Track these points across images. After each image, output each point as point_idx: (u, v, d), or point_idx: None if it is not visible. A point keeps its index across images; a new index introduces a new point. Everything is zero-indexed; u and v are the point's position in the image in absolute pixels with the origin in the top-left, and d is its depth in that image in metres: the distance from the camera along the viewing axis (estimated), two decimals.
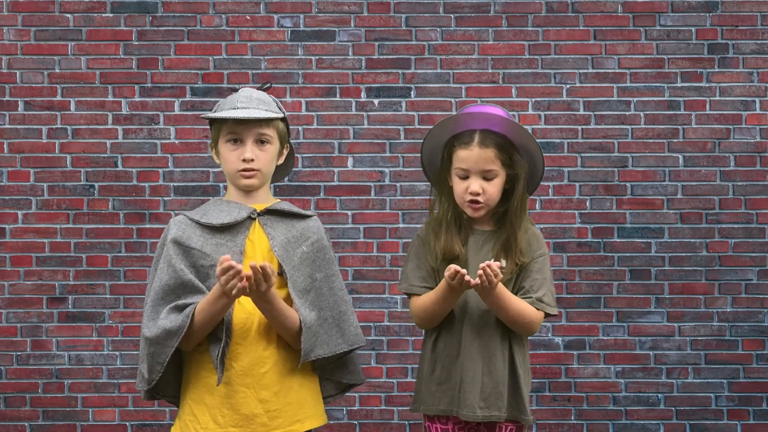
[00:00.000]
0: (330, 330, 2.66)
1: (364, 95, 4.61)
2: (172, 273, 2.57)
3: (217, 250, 2.60)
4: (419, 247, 2.77)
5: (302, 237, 2.68)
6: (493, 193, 2.68)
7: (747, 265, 4.58)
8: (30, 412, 4.56)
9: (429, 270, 2.74)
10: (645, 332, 4.58)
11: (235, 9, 4.61)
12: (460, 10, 4.62)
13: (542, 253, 2.73)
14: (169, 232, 2.64)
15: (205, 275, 2.59)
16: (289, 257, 2.64)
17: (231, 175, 2.67)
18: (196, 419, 2.61)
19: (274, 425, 2.60)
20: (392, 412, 4.58)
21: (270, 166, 2.68)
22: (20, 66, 4.59)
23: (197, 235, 2.62)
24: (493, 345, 2.69)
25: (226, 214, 2.64)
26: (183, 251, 2.60)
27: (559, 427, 4.59)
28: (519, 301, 2.66)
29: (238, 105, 2.63)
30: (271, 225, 2.67)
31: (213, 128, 2.71)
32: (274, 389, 2.60)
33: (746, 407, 4.56)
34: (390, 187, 4.60)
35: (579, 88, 4.61)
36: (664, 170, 4.60)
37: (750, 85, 4.60)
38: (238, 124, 2.62)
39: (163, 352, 2.54)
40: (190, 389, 2.63)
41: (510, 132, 2.69)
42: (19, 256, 4.57)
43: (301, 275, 2.64)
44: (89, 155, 4.59)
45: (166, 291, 2.58)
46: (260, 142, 2.64)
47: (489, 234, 2.74)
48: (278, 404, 2.61)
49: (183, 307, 2.55)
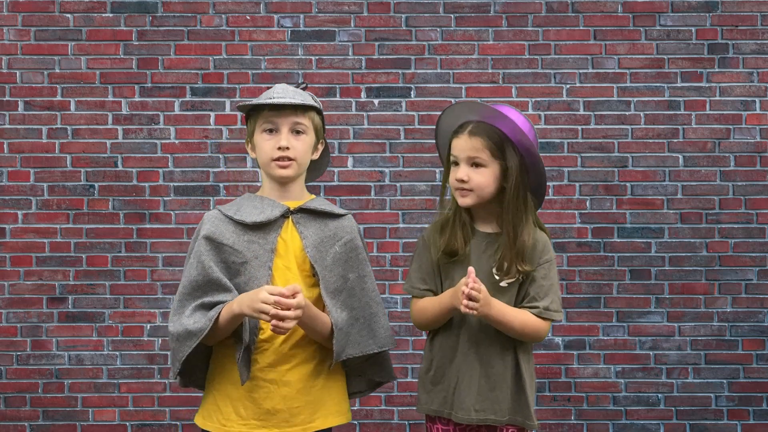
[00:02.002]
0: (362, 330, 2.67)
1: (364, 95, 4.61)
2: (201, 269, 2.58)
3: (248, 247, 2.61)
4: (422, 247, 2.77)
5: (335, 236, 2.68)
6: (480, 182, 2.66)
7: (747, 265, 4.58)
8: (30, 412, 4.56)
9: (430, 271, 2.74)
10: (645, 332, 4.58)
11: (235, 9, 4.61)
12: (460, 10, 4.62)
13: (548, 258, 2.72)
14: (203, 228, 2.65)
15: (236, 272, 2.60)
16: (322, 257, 2.64)
17: (266, 164, 2.66)
18: (219, 410, 2.63)
19: (295, 421, 2.62)
20: (392, 412, 4.58)
21: (305, 157, 2.68)
22: (20, 66, 4.59)
23: (230, 231, 2.62)
24: (492, 348, 2.68)
25: (260, 212, 2.64)
26: (215, 247, 2.60)
27: (559, 427, 4.59)
28: (521, 315, 2.65)
29: (275, 95, 2.64)
30: (304, 224, 2.67)
31: (249, 122, 2.71)
32: (298, 386, 2.61)
33: (746, 407, 4.57)
34: (390, 187, 4.61)
35: (579, 88, 4.61)
36: (664, 170, 4.60)
37: (750, 85, 4.60)
38: (274, 113, 2.63)
39: (181, 350, 2.55)
40: (215, 380, 2.65)
41: (506, 127, 2.69)
42: (19, 256, 4.57)
43: (333, 275, 2.64)
44: (89, 155, 4.59)
45: (194, 287, 2.59)
46: (296, 131, 2.64)
47: (493, 236, 2.73)
48: (300, 401, 2.62)
49: (209, 305, 2.56)
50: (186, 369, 2.65)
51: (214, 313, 2.52)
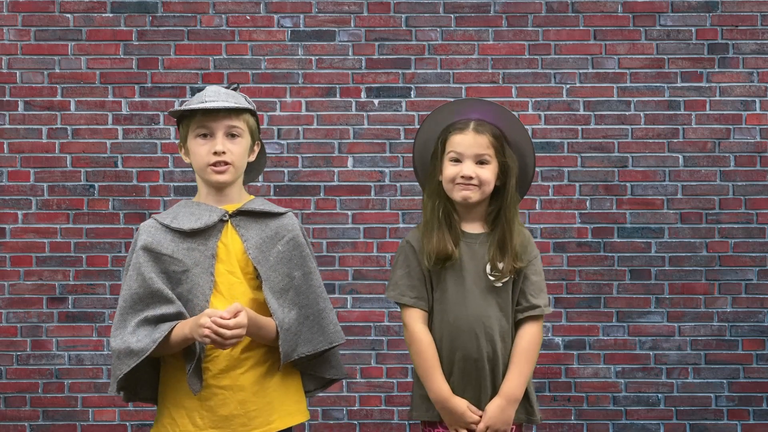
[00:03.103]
0: (312, 327, 2.63)
1: (364, 95, 4.61)
2: (141, 281, 2.53)
3: (188, 255, 2.56)
4: (409, 253, 2.72)
5: (277, 235, 2.64)
6: (486, 178, 2.66)
7: (747, 265, 4.58)
8: (30, 412, 4.56)
9: (419, 277, 2.69)
10: (645, 332, 4.58)
11: (235, 9, 4.61)
12: (460, 10, 4.62)
13: (536, 254, 2.73)
14: (139, 239, 2.59)
15: (178, 281, 2.56)
16: (265, 257, 2.60)
17: (201, 170, 2.61)
18: (174, 422, 2.59)
19: (253, 425, 2.58)
20: (392, 412, 4.58)
21: (242, 161, 2.63)
22: (20, 66, 4.59)
23: (168, 240, 2.58)
24: (496, 349, 2.67)
25: (196, 219, 2.59)
26: (154, 258, 2.55)
27: (559, 427, 4.59)
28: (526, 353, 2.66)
29: (206, 99, 2.59)
30: (244, 226, 2.62)
31: (181, 126, 2.66)
32: (253, 389, 2.57)
33: (746, 407, 4.56)
34: (390, 187, 4.60)
35: (579, 88, 4.61)
36: (664, 170, 4.60)
37: (750, 85, 4.60)
38: (208, 117, 2.57)
39: (119, 368, 2.51)
40: (167, 392, 2.61)
41: (504, 125, 2.70)
42: (19, 256, 4.57)
43: (278, 275, 2.60)
44: (89, 155, 4.59)
45: (135, 300, 2.54)
46: (231, 135, 2.60)
47: (483, 236, 2.72)
48: (257, 404, 2.58)
49: (153, 320, 2.51)
50: (129, 384, 2.61)
51: (159, 336, 2.47)
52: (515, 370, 2.64)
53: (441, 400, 2.63)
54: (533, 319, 2.68)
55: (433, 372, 2.64)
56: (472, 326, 2.64)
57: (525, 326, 2.68)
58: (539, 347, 2.70)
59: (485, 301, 2.66)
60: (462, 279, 2.67)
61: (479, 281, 2.66)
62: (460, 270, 2.67)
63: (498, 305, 2.67)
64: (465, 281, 2.66)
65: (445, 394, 2.63)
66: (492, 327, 2.65)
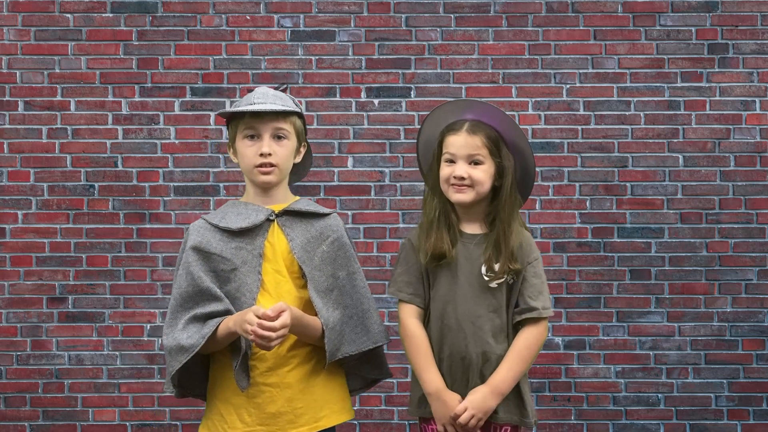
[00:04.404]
0: (356, 328, 2.67)
1: (364, 95, 4.62)
2: (191, 280, 2.59)
3: (236, 254, 2.61)
4: (409, 250, 2.76)
5: (322, 236, 2.68)
6: (479, 178, 2.67)
7: (747, 265, 4.58)
8: (30, 412, 4.56)
9: (417, 275, 2.73)
10: (645, 332, 4.58)
11: (235, 9, 4.61)
12: (460, 10, 4.62)
13: (536, 257, 2.73)
14: (189, 239, 2.65)
15: (226, 279, 2.61)
16: (310, 257, 2.64)
17: (248, 171, 2.67)
18: (223, 419, 2.63)
19: (300, 422, 2.62)
20: (392, 412, 4.58)
21: (288, 162, 2.68)
22: (20, 66, 4.59)
23: (216, 240, 2.63)
24: (486, 349, 2.68)
25: (244, 218, 2.64)
26: (203, 257, 2.61)
27: (559, 427, 4.59)
28: (522, 351, 2.66)
29: (255, 101, 2.63)
30: (289, 226, 2.67)
31: (230, 127, 2.71)
32: (299, 387, 2.61)
33: (746, 407, 4.56)
34: (390, 187, 4.61)
35: (579, 88, 4.61)
36: (664, 170, 4.60)
37: (750, 85, 4.60)
38: (255, 119, 2.62)
39: (172, 365, 2.58)
40: (216, 389, 2.65)
41: (501, 126, 2.71)
42: (19, 256, 4.57)
43: (322, 275, 2.65)
44: (89, 155, 4.59)
45: (185, 298, 2.60)
46: (277, 137, 2.64)
47: (481, 237, 2.73)
48: (304, 402, 2.62)
49: (202, 317, 2.57)
50: (183, 381, 2.66)
51: (207, 331, 2.53)
52: (506, 365, 2.65)
53: (434, 392, 2.66)
54: (532, 322, 2.69)
55: (426, 365, 2.67)
56: (461, 324, 2.67)
57: (524, 328, 2.69)
58: (538, 349, 2.70)
59: (477, 300, 2.67)
60: (456, 278, 2.69)
61: (474, 281, 2.68)
62: (455, 269, 2.69)
63: (491, 306, 2.68)
64: (458, 280, 2.68)
65: (437, 386, 2.65)
66: (482, 327, 2.66)
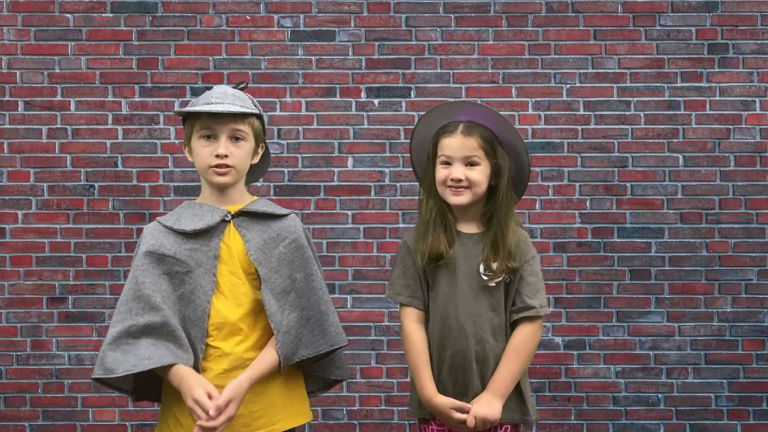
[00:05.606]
0: (313, 330, 2.63)
1: (364, 95, 4.62)
2: (133, 285, 2.56)
3: (191, 255, 2.58)
4: (405, 253, 2.76)
5: (279, 237, 2.64)
6: (476, 179, 2.68)
7: (747, 265, 4.58)
8: (30, 412, 4.56)
9: (415, 277, 2.73)
10: (645, 332, 4.58)
11: (235, 9, 4.61)
12: (460, 10, 4.62)
13: (533, 255, 2.75)
14: (143, 243, 2.62)
15: (180, 281, 2.57)
16: (267, 259, 2.60)
17: (204, 171, 2.63)
18: (178, 422, 2.60)
19: (256, 425, 2.59)
20: (392, 412, 4.58)
21: (244, 163, 2.64)
22: (20, 66, 4.59)
23: (171, 242, 2.59)
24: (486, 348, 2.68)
25: (199, 219, 2.61)
26: (156, 260, 2.57)
27: (559, 427, 4.59)
28: (518, 351, 2.67)
29: (213, 100, 2.60)
30: (246, 227, 2.63)
31: (186, 125, 2.67)
32: (256, 390, 2.57)
33: (746, 407, 4.57)
34: (390, 187, 4.61)
35: (579, 88, 4.61)
36: (664, 170, 4.60)
37: (750, 85, 4.60)
38: (212, 120, 2.58)
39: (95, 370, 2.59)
40: (172, 392, 2.61)
41: (495, 126, 2.72)
42: (19, 256, 4.57)
43: (279, 276, 2.60)
44: (89, 155, 4.59)
45: (123, 302, 2.57)
46: (234, 138, 2.60)
47: (478, 236, 2.73)
48: (260, 405, 2.59)
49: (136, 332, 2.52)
50: (138, 384, 2.65)
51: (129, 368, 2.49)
52: (503, 366, 2.66)
53: (426, 399, 2.68)
54: (528, 320, 2.69)
55: (420, 371, 2.69)
56: (461, 324, 2.67)
57: (519, 326, 2.70)
58: (534, 347, 2.71)
59: (477, 300, 2.68)
60: (455, 278, 2.69)
61: (472, 280, 2.68)
62: (454, 269, 2.69)
63: (490, 304, 2.69)
64: (457, 280, 2.69)
65: (429, 393, 2.67)
66: (482, 326, 2.67)
